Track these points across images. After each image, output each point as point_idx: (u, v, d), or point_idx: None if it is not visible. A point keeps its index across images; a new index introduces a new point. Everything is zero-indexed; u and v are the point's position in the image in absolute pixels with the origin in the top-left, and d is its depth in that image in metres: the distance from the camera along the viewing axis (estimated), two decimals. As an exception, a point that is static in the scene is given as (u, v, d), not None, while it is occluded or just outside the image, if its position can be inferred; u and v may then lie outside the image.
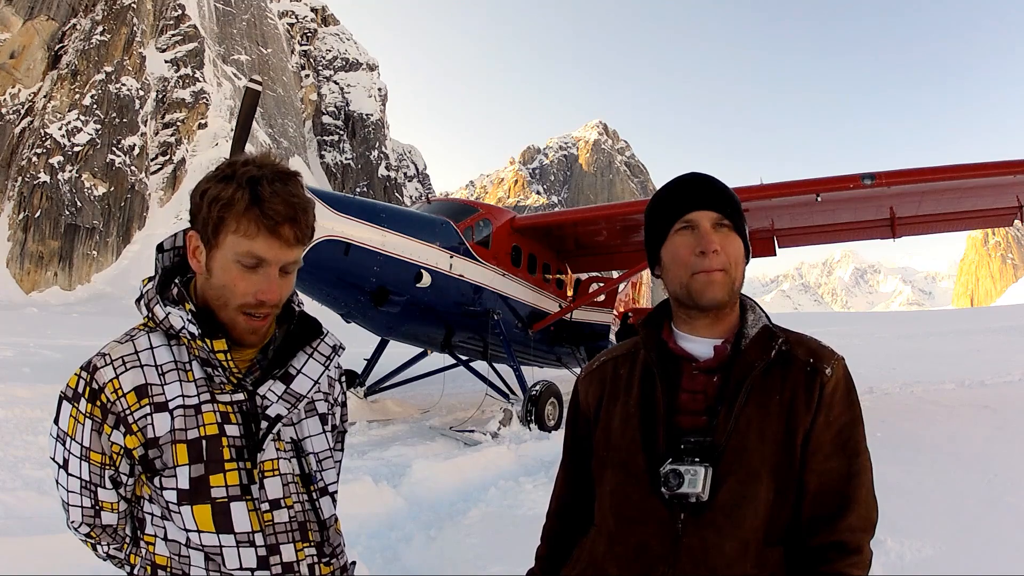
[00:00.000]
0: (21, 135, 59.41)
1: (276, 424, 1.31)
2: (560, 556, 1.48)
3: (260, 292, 1.25)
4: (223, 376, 1.29)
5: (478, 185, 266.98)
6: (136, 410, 1.24)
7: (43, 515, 4.30)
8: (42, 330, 21.23)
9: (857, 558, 1.22)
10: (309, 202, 1.30)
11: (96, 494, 1.30)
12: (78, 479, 1.28)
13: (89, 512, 1.31)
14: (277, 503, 1.30)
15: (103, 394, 1.23)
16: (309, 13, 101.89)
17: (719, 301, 1.30)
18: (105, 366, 1.25)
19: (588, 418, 1.44)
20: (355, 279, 7.77)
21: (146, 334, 1.30)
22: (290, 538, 1.31)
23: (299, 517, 1.33)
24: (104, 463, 1.27)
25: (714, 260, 1.28)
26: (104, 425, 1.24)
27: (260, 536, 1.27)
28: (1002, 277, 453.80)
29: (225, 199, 1.23)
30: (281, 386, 1.32)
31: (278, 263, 1.26)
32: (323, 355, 1.39)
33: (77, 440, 1.26)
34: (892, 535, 3.75)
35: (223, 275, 1.26)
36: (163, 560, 1.29)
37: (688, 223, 1.31)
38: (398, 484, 5.58)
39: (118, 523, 1.35)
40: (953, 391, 10.10)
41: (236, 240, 1.23)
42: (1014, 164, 8.35)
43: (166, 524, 1.28)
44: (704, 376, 1.30)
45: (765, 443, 1.23)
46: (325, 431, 1.43)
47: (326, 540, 1.38)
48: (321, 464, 1.40)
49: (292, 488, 1.33)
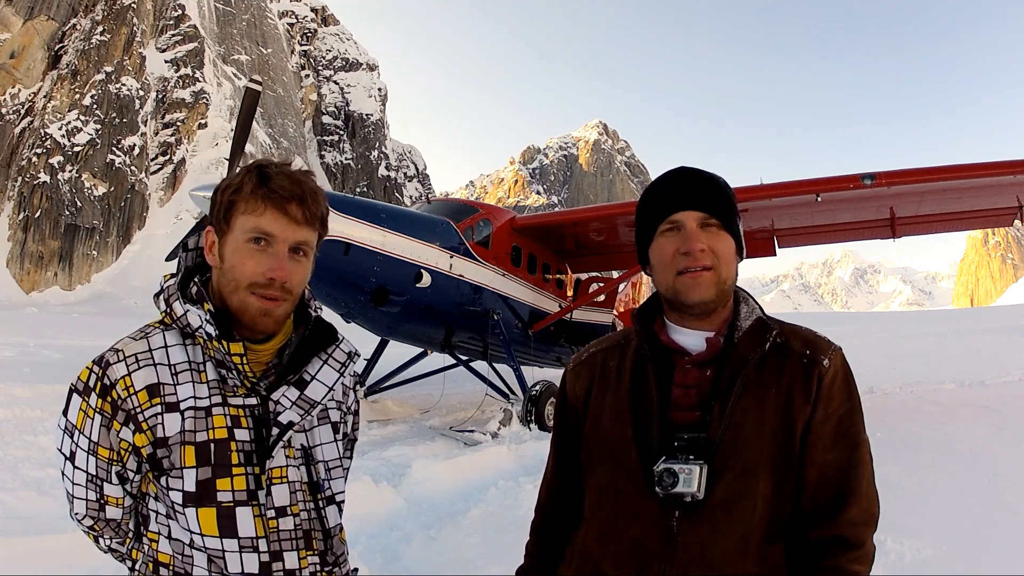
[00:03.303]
0: (21, 135, 59.41)
1: (287, 431, 1.29)
2: (550, 551, 1.45)
3: (270, 270, 1.25)
4: (237, 379, 1.28)
5: (478, 185, 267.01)
6: (147, 409, 1.23)
7: (43, 515, 4.31)
8: (42, 330, 21.20)
9: (859, 552, 1.20)
10: (320, 190, 1.33)
11: (102, 488, 1.29)
12: (84, 472, 1.28)
13: (94, 506, 1.31)
14: (283, 510, 1.29)
15: (114, 390, 1.23)
16: (309, 13, 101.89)
17: (706, 301, 1.27)
18: (118, 362, 1.24)
19: (576, 410, 1.42)
20: (355, 279, 7.77)
21: (161, 332, 1.30)
22: (294, 546, 1.30)
23: (304, 525, 1.32)
24: (111, 459, 1.27)
25: (700, 258, 1.26)
26: (114, 421, 1.24)
27: (264, 542, 1.26)
28: (1002, 277, 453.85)
29: (235, 185, 1.27)
30: (295, 392, 1.31)
31: (286, 240, 1.27)
32: (338, 361, 1.38)
33: (85, 434, 1.25)
34: (892, 535, 3.74)
35: (233, 256, 1.27)
36: (166, 558, 1.29)
37: (673, 224, 1.29)
38: (398, 484, 5.58)
39: (122, 518, 1.34)
40: (953, 391, 10.09)
41: (245, 220, 1.26)
42: (1014, 164, 8.34)
43: (170, 523, 1.28)
44: (697, 370, 1.28)
45: (762, 437, 1.21)
46: (336, 439, 1.41)
47: (330, 549, 1.37)
48: (330, 473, 1.38)
49: (299, 496, 1.32)
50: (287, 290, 1.28)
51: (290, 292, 1.30)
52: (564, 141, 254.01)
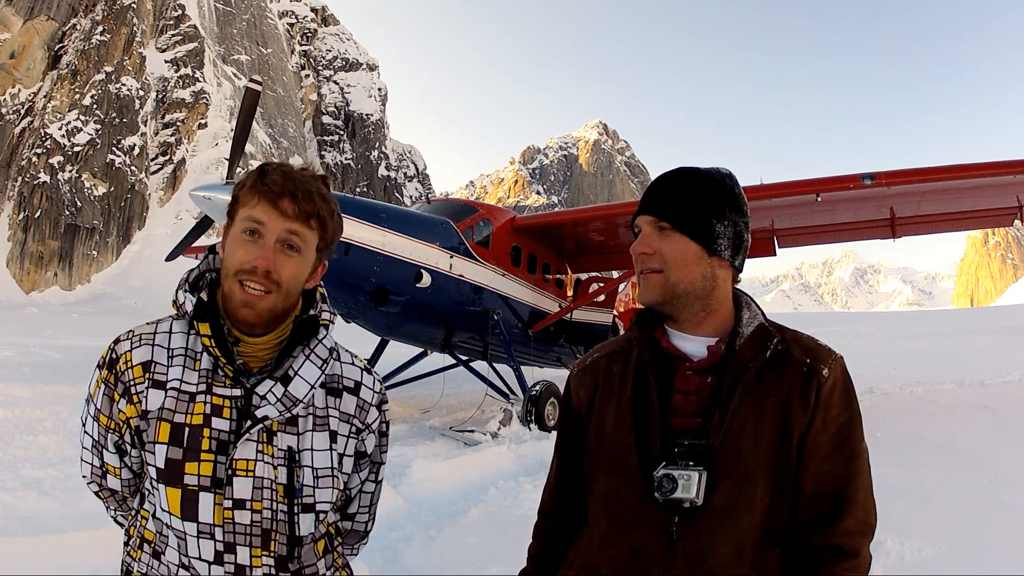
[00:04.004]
0: (21, 135, 59.38)
1: (258, 424, 1.29)
2: (553, 555, 1.46)
3: (256, 258, 1.29)
4: (221, 369, 1.32)
5: (478, 185, 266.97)
6: (139, 383, 1.33)
7: (43, 515, 4.31)
8: (42, 330, 21.20)
9: (854, 562, 1.20)
10: (317, 190, 1.35)
11: (102, 456, 1.42)
12: (90, 437, 1.41)
13: (97, 472, 1.44)
14: (242, 503, 1.29)
15: (118, 364, 1.35)
16: (309, 13, 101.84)
17: (653, 302, 1.32)
18: (125, 340, 1.37)
19: (580, 415, 1.43)
20: (355, 279, 7.76)
21: (171, 320, 1.40)
22: (247, 541, 1.29)
23: (265, 524, 1.30)
24: (109, 427, 1.38)
25: (644, 261, 1.32)
26: (115, 392, 1.35)
27: (220, 531, 1.29)
28: (1002, 277, 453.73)
29: (241, 182, 1.35)
30: (281, 388, 1.33)
31: (275, 232, 1.31)
32: (320, 358, 1.38)
33: (95, 403, 1.38)
34: (892, 535, 3.75)
35: (230, 246, 1.34)
36: (151, 535, 1.35)
37: (638, 228, 1.36)
38: (398, 484, 5.57)
39: (122, 490, 1.45)
40: (953, 391, 10.08)
41: (243, 212, 1.34)
42: (1014, 164, 8.34)
43: (156, 502, 1.33)
44: (698, 376, 1.29)
45: (760, 446, 1.21)
46: (333, 449, 1.38)
47: (295, 556, 1.34)
48: (317, 481, 1.35)
49: (266, 493, 1.30)
50: (274, 281, 1.30)
51: (277, 284, 1.31)
52: (564, 141, 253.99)
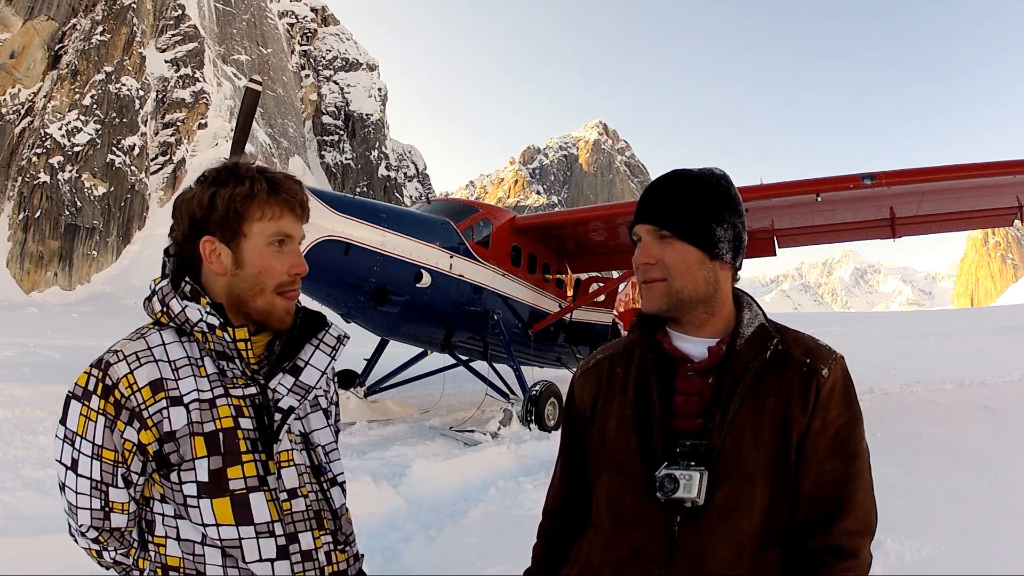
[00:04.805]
0: (21, 135, 59.36)
1: (289, 416, 1.35)
2: (557, 555, 1.47)
3: (292, 267, 1.38)
4: (239, 368, 1.33)
5: (478, 185, 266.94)
6: (151, 405, 1.25)
7: (43, 515, 4.31)
8: (42, 330, 21.18)
9: (853, 562, 1.20)
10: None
11: (107, 494, 1.28)
12: (88, 479, 1.26)
13: (99, 515, 1.29)
14: (294, 492, 1.34)
15: (117, 390, 1.24)
16: (309, 13, 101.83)
17: (657, 310, 1.32)
18: (119, 362, 1.25)
19: (584, 417, 1.44)
20: (355, 279, 7.77)
21: (157, 331, 1.33)
22: (308, 526, 1.34)
23: (314, 506, 1.37)
24: (117, 460, 1.26)
25: (648, 271, 1.32)
26: (118, 422, 1.24)
27: (279, 526, 1.30)
28: (1002, 277, 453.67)
29: (244, 193, 1.32)
30: (291, 379, 1.37)
31: (298, 238, 1.41)
32: (329, 346, 1.44)
33: (88, 439, 1.24)
34: (892, 535, 3.74)
35: (259, 261, 1.35)
36: (175, 561, 1.29)
37: (637, 236, 1.36)
38: (398, 484, 5.58)
39: (127, 526, 1.32)
40: (953, 391, 10.08)
41: (264, 225, 1.35)
42: (1014, 164, 8.34)
43: (179, 523, 1.29)
44: (699, 378, 1.29)
45: (760, 447, 1.22)
46: (328, 425, 1.49)
47: (339, 528, 1.43)
48: (328, 456, 1.45)
49: (306, 478, 1.37)
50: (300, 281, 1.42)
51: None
52: (564, 141, 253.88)
